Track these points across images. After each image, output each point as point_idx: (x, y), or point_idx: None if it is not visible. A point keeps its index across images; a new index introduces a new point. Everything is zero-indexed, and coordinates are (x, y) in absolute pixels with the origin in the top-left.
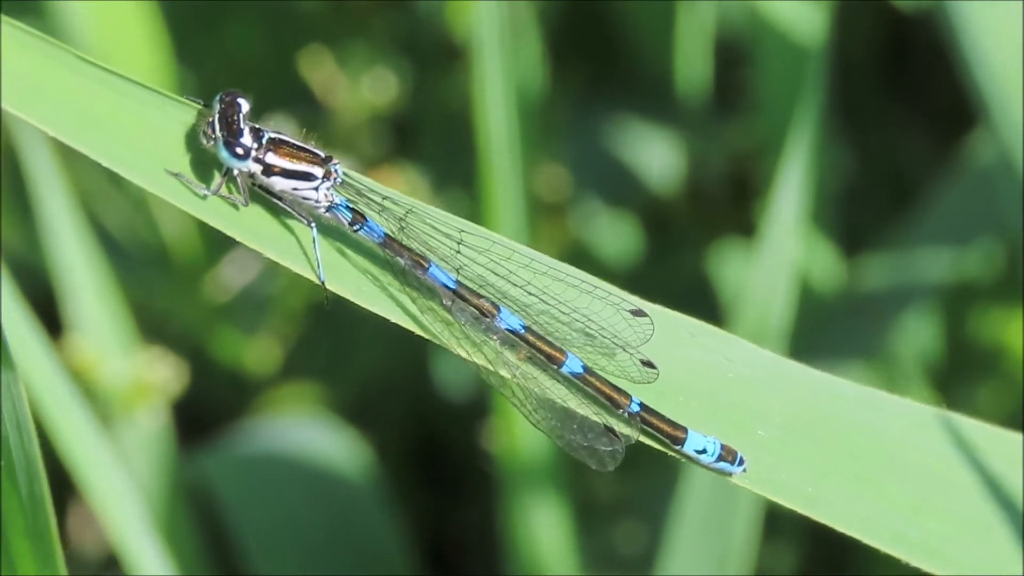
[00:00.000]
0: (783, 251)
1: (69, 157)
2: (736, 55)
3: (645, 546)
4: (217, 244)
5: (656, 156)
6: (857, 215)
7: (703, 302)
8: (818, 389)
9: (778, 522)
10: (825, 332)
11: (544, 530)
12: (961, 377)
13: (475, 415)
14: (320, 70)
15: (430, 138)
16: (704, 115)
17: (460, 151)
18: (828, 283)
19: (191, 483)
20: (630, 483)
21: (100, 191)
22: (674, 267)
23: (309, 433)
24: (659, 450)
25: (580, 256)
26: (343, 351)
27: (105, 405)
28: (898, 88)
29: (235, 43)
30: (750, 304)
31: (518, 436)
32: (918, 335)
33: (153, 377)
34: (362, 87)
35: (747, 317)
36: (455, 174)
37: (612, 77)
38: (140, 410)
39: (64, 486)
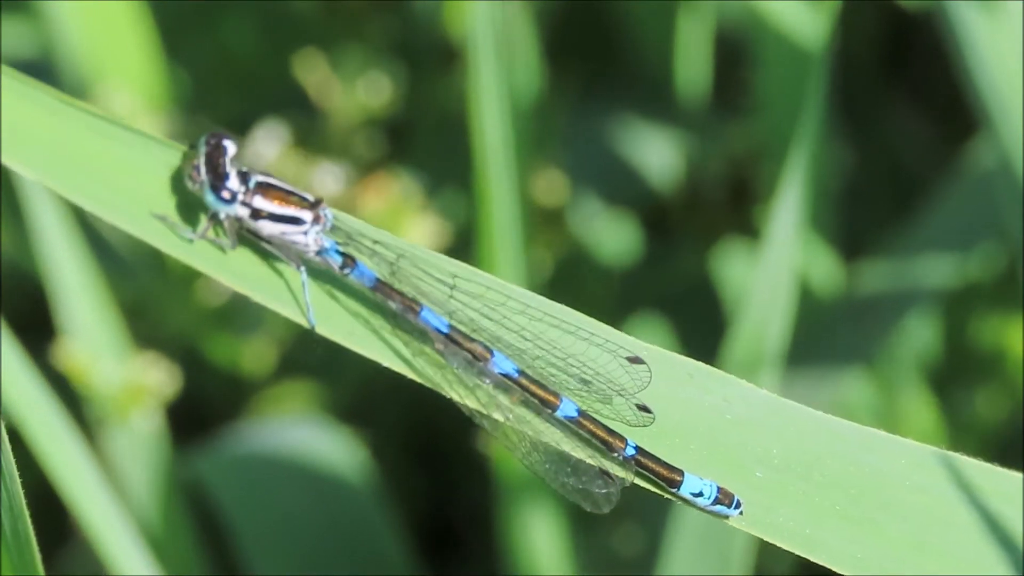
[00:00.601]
0: (784, 259)
1: None
2: (736, 55)
3: (643, 548)
4: None
5: (655, 157)
6: (857, 217)
7: (703, 304)
8: (817, 429)
9: None
10: (825, 336)
11: (542, 533)
12: (961, 381)
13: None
14: (314, 73)
15: (425, 141)
16: (704, 116)
17: (455, 154)
18: (828, 287)
19: (187, 484)
20: (629, 487)
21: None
22: (674, 269)
23: (305, 433)
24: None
25: (578, 259)
26: (338, 351)
27: (99, 409)
28: (900, 88)
29: (228, 45)
30: (750, 314)
31: None
32: (918, 339)
33: (147, 381)
34: (357, 90)
35: (747, 327)
36: (450, 177)
37: (611, 77)
38: (134, 414)
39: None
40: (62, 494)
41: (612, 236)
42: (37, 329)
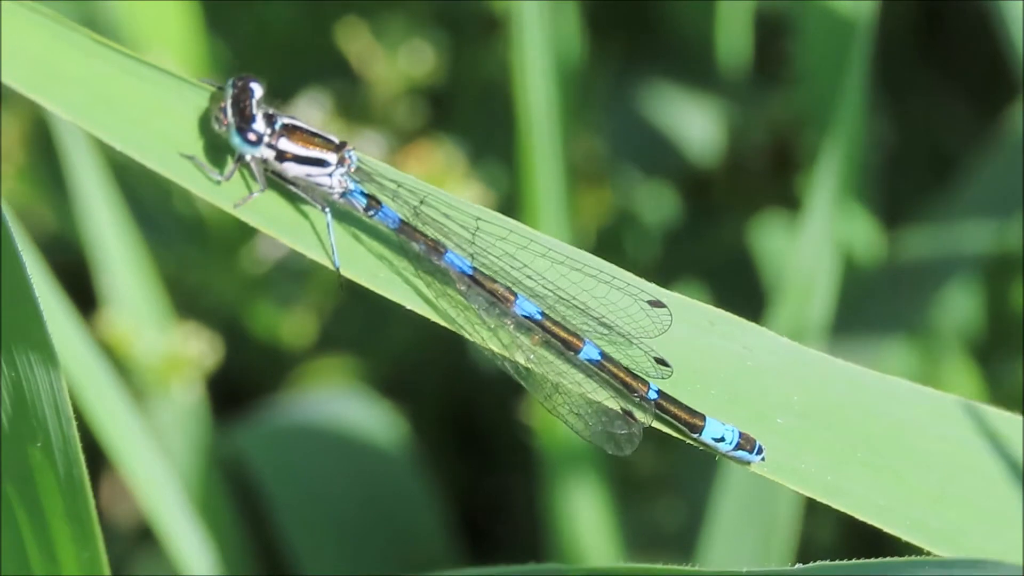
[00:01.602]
0: (826, 227)
1: None
2: (777, 25)
3: (685, 521)
4: None
5: (696, 127)
6: (896, 186)
7: (742, 274)
8: (837, 377)
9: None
10: (865, 306)
11: (584, 505)
12: (1002, 350)
13: (509, 387)
14: (356, 42)
15: (467, 110)
16: (744, 86)
17: (497, 123)
18: (869, 256)
19: (226, 457)
20: (669, 458)
21: (133, 164)
22: (713, 239)
23: (344, 406)
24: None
25: (619, 228)
26: (377, 323)
27: (140, 380)
28: (937, 57)
29: (269, 14)
30: (793, 281)
31: None
32: (959, 308)
33: (187, 351)
34: (399, 59)
35: (790, 294)
36: (492, 146)
37: (651, 47)
38: (175, 385)
39: (93, 458)
40: (112, 455)
41: (652, 205)
42: (79, 300)
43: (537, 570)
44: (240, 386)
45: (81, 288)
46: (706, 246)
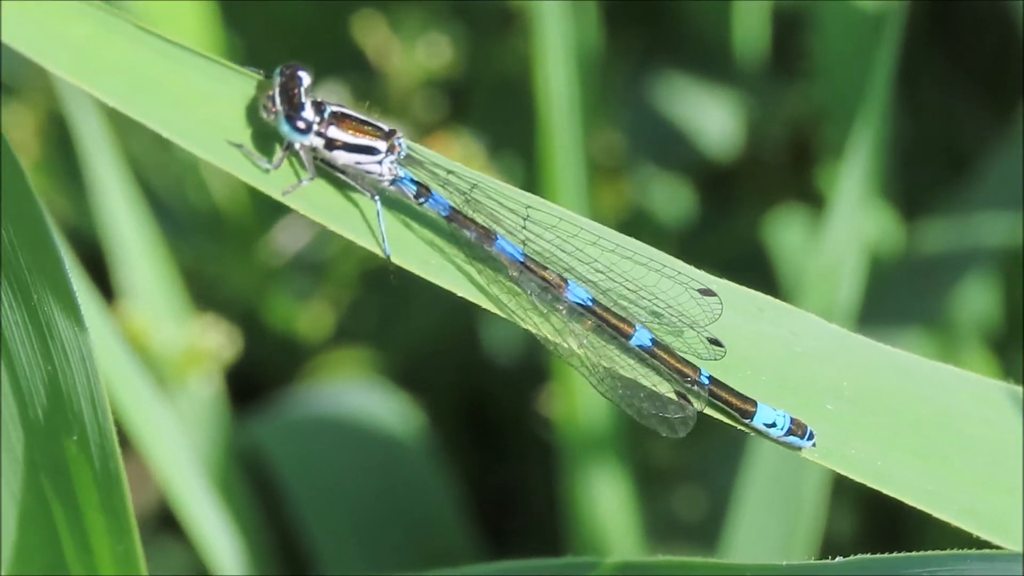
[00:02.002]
0: (852, 220)
1: (118, 122)
2: (795, 19)
3: (705, 512)
4: (269, 210)
5: (713, 121)
6: (913, 179)
7: (758, 269)
8: (886, 363)
9: (838, 487)
10: (884, 298)
11: (605, 495)
12: (1018, 341)
13: (525, 379)
14: (373, 35)
15: (484, 103)
16: (762, 80)
17: (515, 116)
18: (887, 248)
19: (243, 449)
20: (689, 449)
21: (150, 156)
22: (729, 233)
23: (361, 398)
24: (721, 419)
25: (636, 221)
26: (394, 316)
27: (158, 372)
28: (951, 50)
29: (285, 9)
30: (817, 274)
31: (578, 401)
32: (977, 300)
33: (206, 343)
34: (416, 52)
35: (814, 287)
36: (510, 139)
37: (668, 41)
38: (193, 377)
39: None
40: (136, 442)
41: (669, 199)
42: (97, 292)
43: (573, 563)
44: (257, 378)
45: (98, 281)
46: (722, 240)
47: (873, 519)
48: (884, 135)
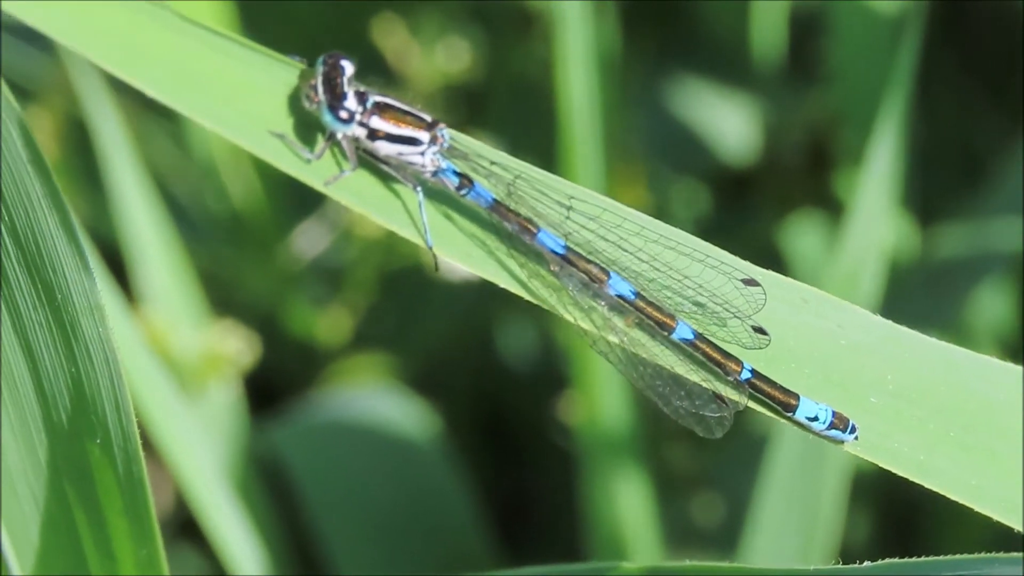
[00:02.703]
0: (872, 226)
1: (138, 126)
2: (812, 22)
3: (723, 518)
4: (288, 214)
5: (730, 125)
6: (928, 185)
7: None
8: (932, 356)
9: (855, 491)
10: (899, 303)
11: (623, 500)
12: None
13: (542, 384)
14: (393, 38)
15: (503, 106)
16: (779, 84)
17: (534, 119)
18: (903, 253)
19: (262, 454)
20: (707, 455)
21: (169, 161)
22: (746, 237)
23: (378, 403)
24: (735, 420)
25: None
26: (411, 321)
27: (177, 377)
28: (966, 56)
29: (304, 10)
30: (835, 280)
31: (597, 406)
32: (992, 306)
33: (225, 348)
34: (435, 55)
35: (832, 293)
36: (529, 142)
37: (685, 45)
38: (212, 382)
39: None
40: (159, 445)
41: (686, 203)
42: (119, 295)
43: (597, 568)
44: (275, 384)
45: (117, 286)
46: (739, 245)
47: (889, 522)
48: (904, 140)
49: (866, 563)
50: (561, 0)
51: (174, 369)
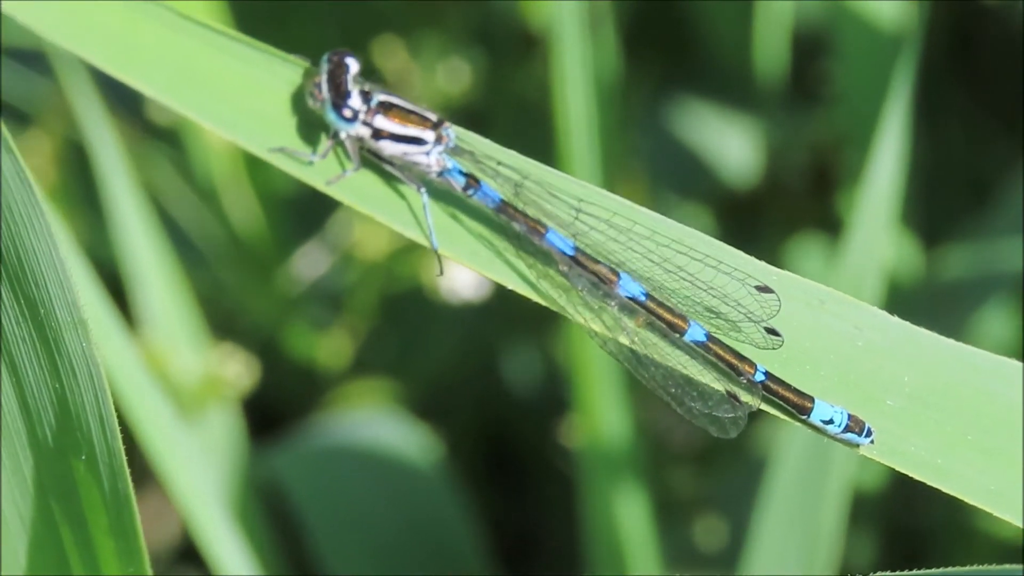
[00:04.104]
0: (872, 246)
1: (138, 151)
2: (815, 44)
3: (725, 542)
4: (288, 238)
5: (733, 148)
6: (934, 206)
7: None
8: (950, 358)
9: (856, 512)
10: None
11: (626, 523)
12: None
13: (545, 409)
14: (393, 59)
15: (503, 127)
16: (782, 106)
17: (534, 141)
18: (907, 275)
19: (261, 479)
20: (708, 478)
21: (169, 184)
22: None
23: (380, 428)
24: (737, 443)
25: None
26: (412, 345)
27: (176, 401)
28: (970, 78)
29: (304, 32)
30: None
31: (599, 430)
32: (997, 328)
33: (224, 372)
34: (436, 76)
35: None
36: None
37: (687, 67)
38: (211, 406)
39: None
40: (155, 467)
41: (689, 226)
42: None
43: None
44: (275, 408)
45: (116, 309)
46: None
47: (891, 546)
48: (904, 159)
49: (886, 572)
50: (560, 23)
51: (173, 393)
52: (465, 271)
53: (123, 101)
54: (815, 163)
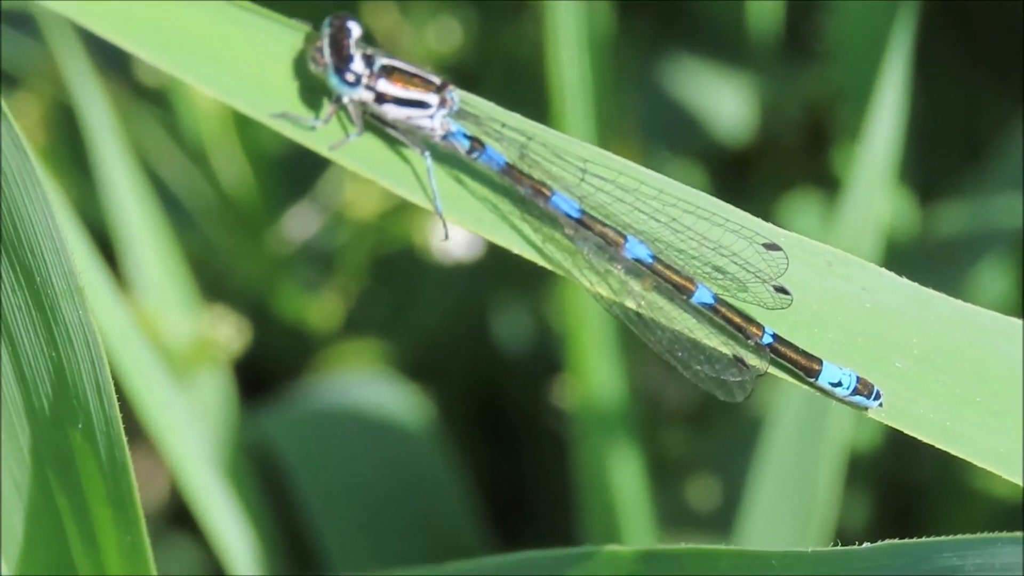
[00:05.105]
0: (871, 205)
1: (127, 113)
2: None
3: (719, 502)
4: (278, 199)
5: (727, 104)
6: (929, 162)
7: None
8: (958, 320)
9: (852, 475)
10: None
11: (619, 484)
12: None
13: (537, 370)
14: (384, 19)
15: (495, 86)
16: (776, 62)
17: (526, 101)
18: (903, 231)
19: (252, 441)
20: (701, 439)
21: (158, 146)
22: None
23: (371, 389)
24: (730, 404)
25: None
26: (404, 306)
27: (167, 364)
28: (967, 32)
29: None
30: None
31: (593, 391)
32: (993, 284)
33: (215, 335)
34: (427, 36)
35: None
36: None
37: (680, 24)
38: (202, 369)
39: None
40: (149, 430)
41: (682, 183)
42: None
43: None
44: (266, 371)
45: (106, 271)
46: None
47: (887, 507)
48: (903, 112)
49: (865, 544)
50: None
51: (164, 356)
52: (458, 230)
53: (111, 62)
54: (809, 119)
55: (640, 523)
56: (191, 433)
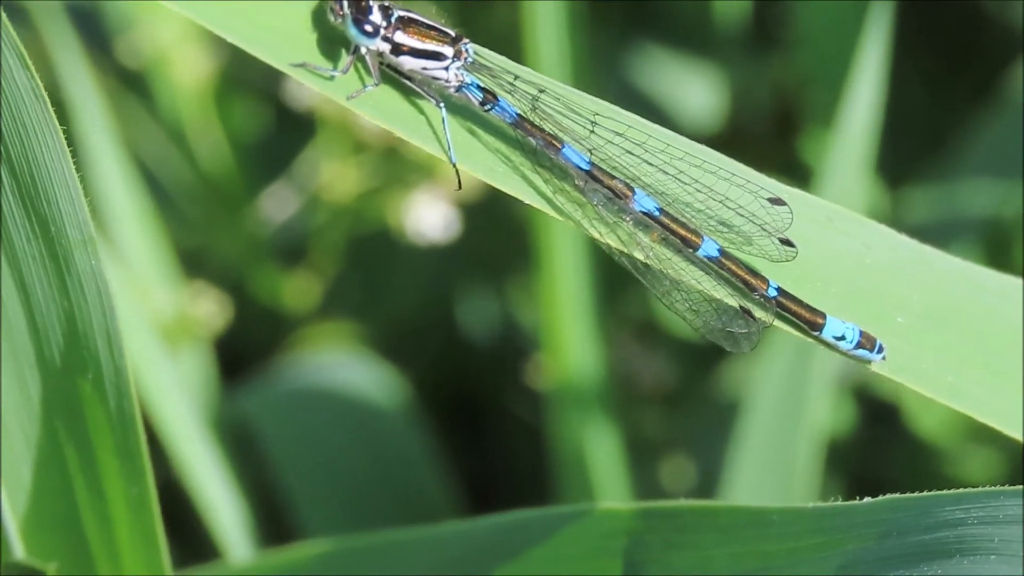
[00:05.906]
0: (846, 192)
1: (106, 90)
2: None
3: (694, 483)
4: (256, 180)
5: (695, 93)
6: (897, 148)
7: None
8: (959, 277)
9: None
10: None
11: (595, 464)
12: None
13: (511, 351)
14: None
15: None
16: (743, 50)
17: None
18: (873, 217)
19: (231, 419)
20: (677, 420)
21: (137, 125)
22: None
23: (347, 369)
24: (705, 386)
25: None
26: (379, 287)
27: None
28: (930, 30)
29: None
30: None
31: (569, 370)
32: None
33: (197, 311)
34: None
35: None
36: None
37: (648, 13)
38: (185, 344)
39: None
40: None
41: None
42: None
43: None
44: (243, 350)
45: None
46: None
47: (859, 494)
48: (879, 102)
49: (867, 499)
50: None
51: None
52: (432, 212)
53: (94, 42)
54: (778, 106)
55: (617, 499)
56: (181, 398)
